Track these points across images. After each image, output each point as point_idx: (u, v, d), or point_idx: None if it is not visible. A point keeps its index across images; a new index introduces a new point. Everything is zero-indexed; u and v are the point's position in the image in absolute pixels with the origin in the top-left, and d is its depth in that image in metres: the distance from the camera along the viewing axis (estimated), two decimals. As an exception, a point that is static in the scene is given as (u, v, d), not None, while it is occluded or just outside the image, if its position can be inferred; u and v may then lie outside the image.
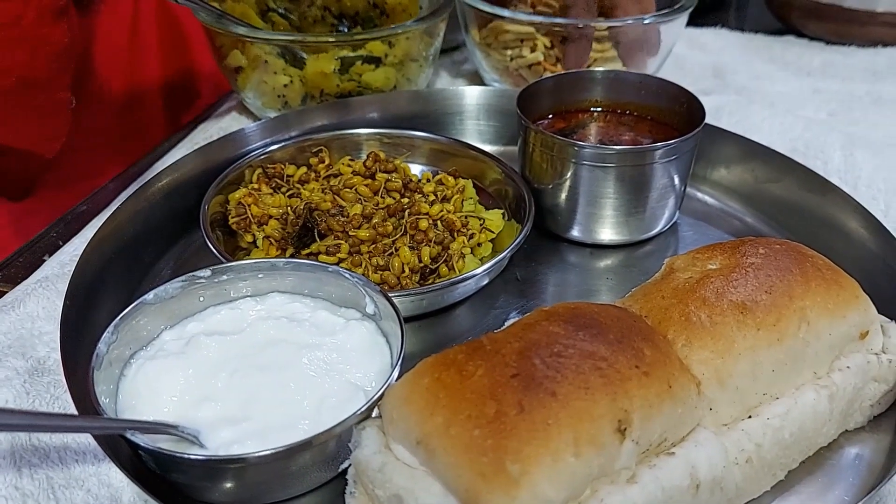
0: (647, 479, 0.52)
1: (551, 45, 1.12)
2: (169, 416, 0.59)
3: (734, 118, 1.11)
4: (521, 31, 1.12)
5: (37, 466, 0.61)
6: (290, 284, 0.71)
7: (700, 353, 0.58)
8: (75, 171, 1.18)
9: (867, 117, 1.18)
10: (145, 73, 1.26)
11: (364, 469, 0.54)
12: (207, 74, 1.27)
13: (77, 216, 0.94)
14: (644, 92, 0.94)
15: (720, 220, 0.94)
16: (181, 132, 1.14)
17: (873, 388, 0.65)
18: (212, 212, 0.83)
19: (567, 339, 0.53)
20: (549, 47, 1.13)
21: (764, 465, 0.58)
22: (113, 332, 0.63)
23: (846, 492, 0.61)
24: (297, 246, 0.79)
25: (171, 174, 0.87)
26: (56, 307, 0.76)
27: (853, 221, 0.82)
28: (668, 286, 0.63)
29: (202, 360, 0.63)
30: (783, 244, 0.66)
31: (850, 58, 1.35)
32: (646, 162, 0.82)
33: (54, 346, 0.72)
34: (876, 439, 0.66)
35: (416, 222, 0.80)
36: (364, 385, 0.62)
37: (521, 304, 0.81)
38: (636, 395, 0.52)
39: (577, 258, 0.88)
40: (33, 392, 0.68)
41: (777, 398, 0.60)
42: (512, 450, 0.48)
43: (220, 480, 0.57)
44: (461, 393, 0.51)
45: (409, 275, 0.77)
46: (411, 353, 0.63)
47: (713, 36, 1.47)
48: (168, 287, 0.67)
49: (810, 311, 0.61)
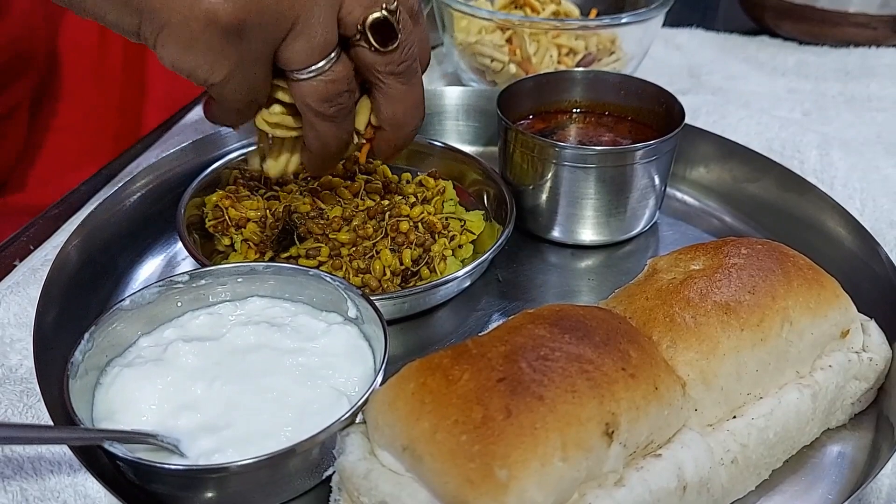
0: (635, 482, 0.52)
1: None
2: (147, 425, 0.58)
3: (711, 118, 1.11)
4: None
5: (10, 478, 0.60)
6: (270, 288, 0.70)
7: (685, 354, 0.58)
8: (44, 172, 1.16)
9: (841, 117, 1.19)
10: (116, 71, 1.23)
11: (349, 476, 0.53)
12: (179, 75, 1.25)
13: (49, 219, 0.92)
14: (623, 92, 0.94)
15: (700, 219, 0.95)
16: (155, 133, 1.12)
17: (854, 387, 0.65)
18: (188, 215, 0.81)
19: (553, 342, 0.53)
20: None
21: (749, 464, 0.58)
22: (88, 340, 0.61)
23: (830, 490, 0.62)
24: (276, 249, 0.78)
25: (145, 177, 0.86)
26: (28, 314, 0.74)
27: (831, 220, 0.83)
28: (652, 287, 0.63)
29: (181, 366, 0.62)
30: (765, 244, 0.66)
31: (823, 58, 1.37)
32: (626, 162, 0.83)
33: (27, 354, 0.70)
34: (857, 437, 0.66)
35: (396, 224, 0.79)
36: (347, 390, 0.61)
37: (503, 305, 0.81)
38: (623, 398, 0.52)
39: (559, 259, 0.88)
40: (5, 401, 0.66)
41: (761, 398, 0.60)
42: (499, 455, 0.47)
43: (201, 490, 0.56)
44: (447, 398, 0.50)
45: (391, 277, 0.76)
46: (393, 356, 0.62)
47: (688, 36, 1.48)
48: (145, 292, 0.66)
49: (793, 310, 0.61)
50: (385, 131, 0.72)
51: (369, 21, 0.63)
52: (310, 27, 0.61)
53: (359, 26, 0.63)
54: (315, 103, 0.65)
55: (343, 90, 0.65)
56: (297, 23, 0.61)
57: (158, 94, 1.25)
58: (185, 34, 0.60)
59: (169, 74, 1.32)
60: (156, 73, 1.25)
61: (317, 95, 0.65)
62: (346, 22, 0.63)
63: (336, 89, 0.64)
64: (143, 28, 0.61)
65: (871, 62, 1.33)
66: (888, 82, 1.28)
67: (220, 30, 0.60)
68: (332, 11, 0.62)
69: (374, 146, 0.75)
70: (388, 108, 0.70)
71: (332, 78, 0.64)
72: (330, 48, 0.63)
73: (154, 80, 1.25)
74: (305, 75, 0.63)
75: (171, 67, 0.63)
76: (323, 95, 0.64)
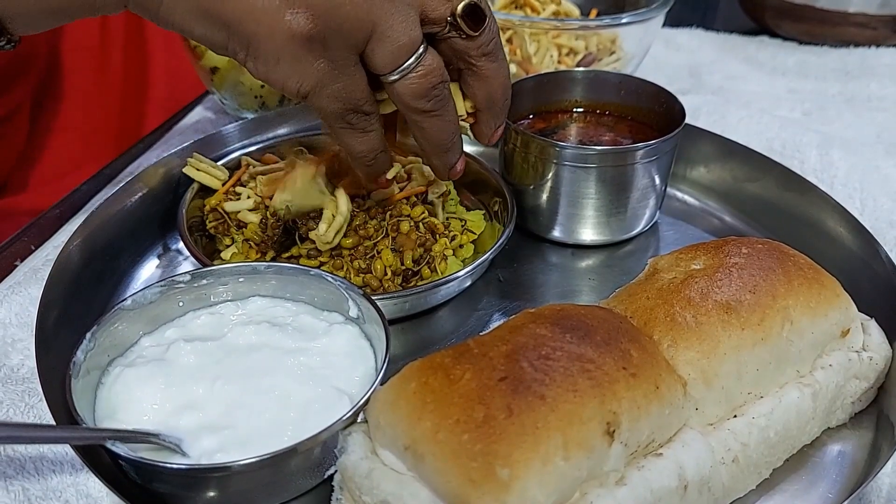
0: (636, 481, 0.52)
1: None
2: (149, 425, 0.58)
3: (711, 118, 1.12)
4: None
5: (12, 478, 0.60)
6: (272, 288, 0.70)
7: (686, 354, 0.58)
8: (46, 172, 1.16)
9: (841, 116, 1.19)
10: (117, 72, 1.24)
11: (351, 475, 0.53)
12: (182, 74, 1.25)
13: (50, 219, 0.92)
14: (624, 92, 0.94)
15: (700, 219, 0.95)
16: (156, 133, 1.12)
17: (854, 386, 0.66)
18: (189, 215, 0.82)
19: (554, 342, 0.53)
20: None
21: (750, 464, 0.59)
22: (90, 340, 0.61)
23: (830, 488, 0.62)
24: (277, 249, 0.78)
25: (147, 177, 0.85)
26: (30, 313, 0.74)
27: (832, 220, 0.83)
28: (653, 287, 0.63)
29: (183, 366, 0.62)
30: (765, 244, 0.66)
31: (823, 58, 1.37)
32: (627, 162, 0.83)
33: (28, 354, 0.70)
34: (858, 436, 0.66)
35: (397, 224, 0.79)
36: (349, 390, 0.61)
37: (503, 305, 0.81)
38: (624, 397, 0.52)
39: (559, 258, 0.88)
40: (7, 401, 0.66)
41: (761, 397, 0.60)
42: (501, 454, 0.47)
43: (203, 489, 0.56)
44: (449, 397, 0.50)
45: (392, 277, 0.76)
46: (395, 355, 0.62)
47: (688, 36, 1.48)
48: (146, 292, 0.66)
49: (793, 310, 0.61)
50: (483, 112, 0.73)
51: (460, 10, 0.64)
52: (391, 30, 0.62)
53: (449, 18, 0.64)
54: (413, 101, 0.65)
55: (437, 82, 0.65)
56: (377, 27, 0.62)
57: (160, 94, 1.25)
58: (272, 47, 0.61)
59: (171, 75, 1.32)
60: (157, 73, 1.25)
61: (412, 93, 0.65)
62: (433, 17, 0.64)
63: (429, 83, 0.65)
64: (230, 43, 0.62)
65: (871, 62, 1.33)
66: (888, 82, 1.28)
67: (302, 40, 0.60)
68: (413, 10, 0.63)
69: (475, 132, 0.75)
70: (483, 89, 0.70)
71: (423, 73, 0.64)
72: (416, 46, 0.63)
73: (156, 80, 1.25)
74: (397, 75, 0.64)
75: (265, 81, 0.64)
76: (418, 92, 0.65)
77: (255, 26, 0.60)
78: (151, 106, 1.27)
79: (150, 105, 1.27)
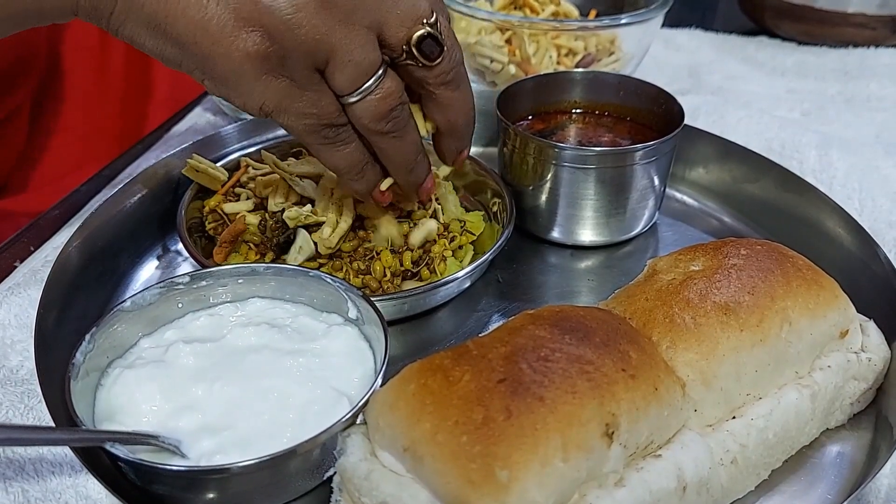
0: (635, 482, 0.52)
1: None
2: (149, 426, 0.58)
3: (711, 118, 1.12)
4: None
5: (11, 479, 0.60)
6: (271, 289, 0.70)
7: (684, 355, 0.58)
8: (45, 173, 1.16)
9: (840, 117, 1.19)
10: (118, 73, 1.24)
11: (350, 477, 0.54)
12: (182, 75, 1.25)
13: (49, 220, 0.92)
14: (623, 93, 0.94)
15: (699, 220, 0.95)
16: (155, 134, 1.12)
17: (853, 387, 0.66)
18: (189, 216, 0.82)
19: (554, 343, 0.53)
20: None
21: (749, 465, 0.59)
22: (89, 341, 0.61)
23: (829, 489, 0.62)
24: (276, 251, 0.78)
25: (146, 178, 0.86)
26: (29, 315, 0.74)
27: (830, 221, 0.83)
28: (652, 288, 0.63)
29: (182, 367, 0.62)
30: (764, 245, 0.66)
31: (822, 58, 1.37)
32: (626, 163, 0.83)
33: (28, 355, 0.70)
34: (856, 437, 0.66)
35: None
36: (348, 391, 0.61)
37: (502, 306, 0.81)
38: (623, 399, 0.52)
39: (558, 259, 0.88)
40: (6, 403, 0.66)
41: (760, 398, 0.60)
42: (500, 456, 0.47)
43: (202, 491, 0.56)
44: (448, 399, 0.50)
45: (391, 278, 0.76)
46: (394, 356, 0.62)
47: (687, 36, 1.48)
48: (146, 294, 0.66)
49: (792, 311, 0.61)
50: (444, 136, 0.73)
51: (414, 40, 0.63)
52: (350, 53, 0.61)
53: (404, 46, 0.64)
54: (372, 123, 0.65)
55: (396, 104, 0.65)
56: (336, 51, 0.61)
57: (161, 95, 1.25)
58: (228, 67, 0.60)
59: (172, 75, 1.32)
60: (159, 74, 1.25)
61: (371, 115, 0.65)
62: (390, 43, 0.64)
63: (388, 105, 0.65)
64: (185, 61, 0.62)
65: (870, 62, 1.33)
66: (887, 82, 1.28)
67: (259, 59, 0.60)
68: (371, 34, 0.62)
69: (437, 152, 0.76)
70: (443, 115, 0.71)
71: (382, 95, 0.64)
72: (375, 68, 0.63)
73: (157, 81, 1.25)
74: (357, 97, 0.64)
75: (226, 100, 0.64)
76: (377, 114, 0.65)
77: (209, 46, 0.59)
78: (151, 107, 1.27)
79: (150, 106, 1.27)
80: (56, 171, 1.16)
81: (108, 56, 1.21)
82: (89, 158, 1.15)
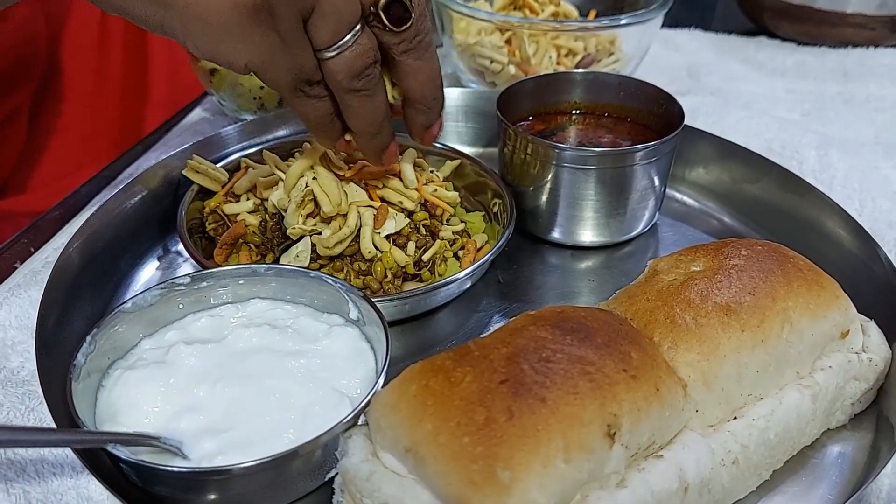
0: (637, 483, 0.52)
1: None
2: (150, 427, 0.58)
3: (710, 119, 1.12)
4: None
5: (13, 481, 0.60)
6: (272, 290, 0.70)
7: (686, 356, 0.58)
8: (45, 174, 1.16)
9: (840, 117, 1.19)
10: (117, 74, 1.24)
11: (351, 478, 0.53)
12: (182, 76, 1.26)
13: (49, 221, 0.92)
14: (623, 94, 0.94)
15: (699, 220, 0.95)
16: (155, 135, 1.12)
17: (854, 387, 0.66)
18: (189, 217, 0.82)
19: (555, 344, 0.53)
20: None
21: (750, 465, 0.59)
22: (90, 343, 0.61)
23: (830, 490, 0.62)
24: (277, 252, 0.78)
25: (146, 179, 0.86)
26: (29, 316, 0.74)
27: (831, 221, 0.83)
28: (653, 288, 0.63)
29: (183, 368, 0.62)
30: (765, 245, 0.66)
31: (821, 58, 1.37)
32: (626, 164, 0.83)
33: (28, 357, 0.70)
34: (857, 437, 0.66)
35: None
36: (349, 392, 0.61)
37: (503, 306, 0.81)
38: (624, 399, 0.52)
39: (558, 260, 0.88)
40: (7, 404, 0.66)
41: (761, 399, 0.60)
42: (502, 456, 0.47)
43: (203, 492, 0.56)
44: (450, 400, 0.50)
45: (392, 279, 0.76)
46: (395, 357, 0.62)
47: (687, 37, 1.48)
48: (146, 295, 0.66)
49: (793, 311, 0.61)
50: (410, 107, 0.73)
51: (381, 4, 0.64)
52: (334, 3, 0.62)
53: (371, 8, 0.64)
54: (346, 80, 0.65)
55: (370, 62, 0.66)
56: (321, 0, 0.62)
57: (160, 95, 1.25)
58: (217, 22, 0.60)
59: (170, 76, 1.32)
60: (157, 75, 1.25)
61: (347, 70, 0.65)
62: (362, 2, 0.64)
63: (363, 62, 0.65)
64: (168, 21, 0.61)
65: (869, 62, 1.34)
66: (887, 82, 1.28)
67: (249, 11, 0.60)
68: None
69: (407, 127, 0.76)
70: (406, 83, 0.71)
71: (358, 51, 0.64)
72: (355, 21, 0.63)
73: (156, 81, 1.25)
74: (334, 51, 0.64)
75: (211, 59, 0.63)
76: (352, 70, 0.65)
77: (194, 2, 0.59)
78: (151, 107, 1.27)
79: (150, 106, 1.27)
80: (56, 172, 1.16)
81: (106, 56, 1.21)
82: (89, 159, 1.15)
